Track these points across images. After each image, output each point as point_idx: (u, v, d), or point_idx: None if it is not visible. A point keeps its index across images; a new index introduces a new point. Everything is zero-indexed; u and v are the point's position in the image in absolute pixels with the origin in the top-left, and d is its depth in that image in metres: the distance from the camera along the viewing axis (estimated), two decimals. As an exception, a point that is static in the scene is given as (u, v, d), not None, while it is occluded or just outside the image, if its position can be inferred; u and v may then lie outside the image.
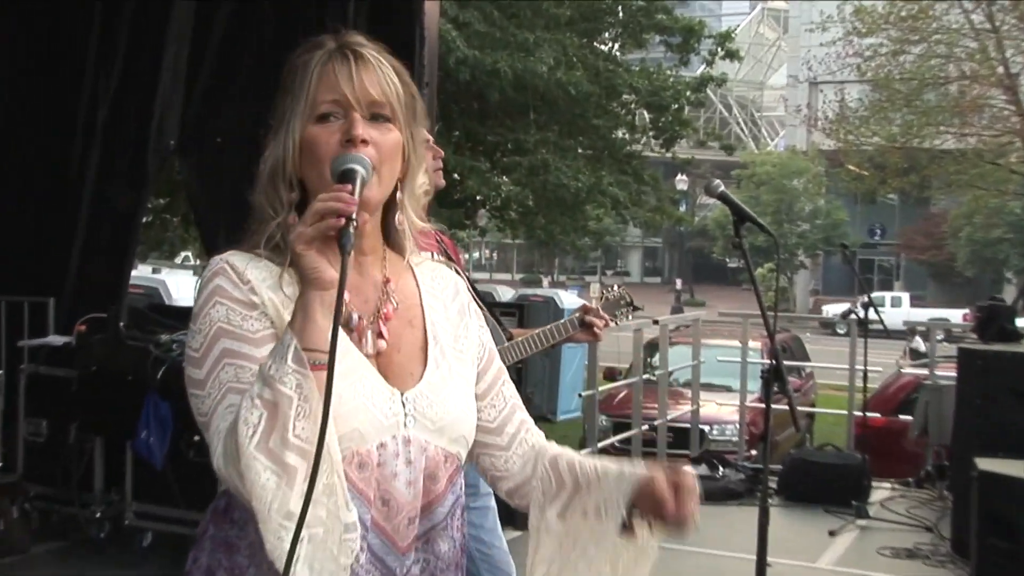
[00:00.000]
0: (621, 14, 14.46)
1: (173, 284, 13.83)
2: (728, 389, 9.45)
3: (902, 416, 8.50)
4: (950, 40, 16.37)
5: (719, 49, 15.01)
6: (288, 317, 1.38)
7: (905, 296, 35.56)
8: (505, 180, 12.97)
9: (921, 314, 29.29)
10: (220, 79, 6.17)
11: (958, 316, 27.86)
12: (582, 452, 1.72)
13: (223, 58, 6.14)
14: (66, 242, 6.30)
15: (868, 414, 7.49)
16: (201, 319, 1.45)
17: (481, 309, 1.78)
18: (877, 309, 7.23)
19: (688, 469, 1.54)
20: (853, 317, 7.60)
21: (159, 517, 5.25)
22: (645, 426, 7.24)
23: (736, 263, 42.26)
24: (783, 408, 4.82)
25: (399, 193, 1.54)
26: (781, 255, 30.65)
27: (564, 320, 3.53)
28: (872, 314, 7.17)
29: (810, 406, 10.98)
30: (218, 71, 6.18)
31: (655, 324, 7.67)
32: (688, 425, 8.19)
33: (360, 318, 1.51)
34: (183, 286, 13.40)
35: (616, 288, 3.80)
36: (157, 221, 12.27)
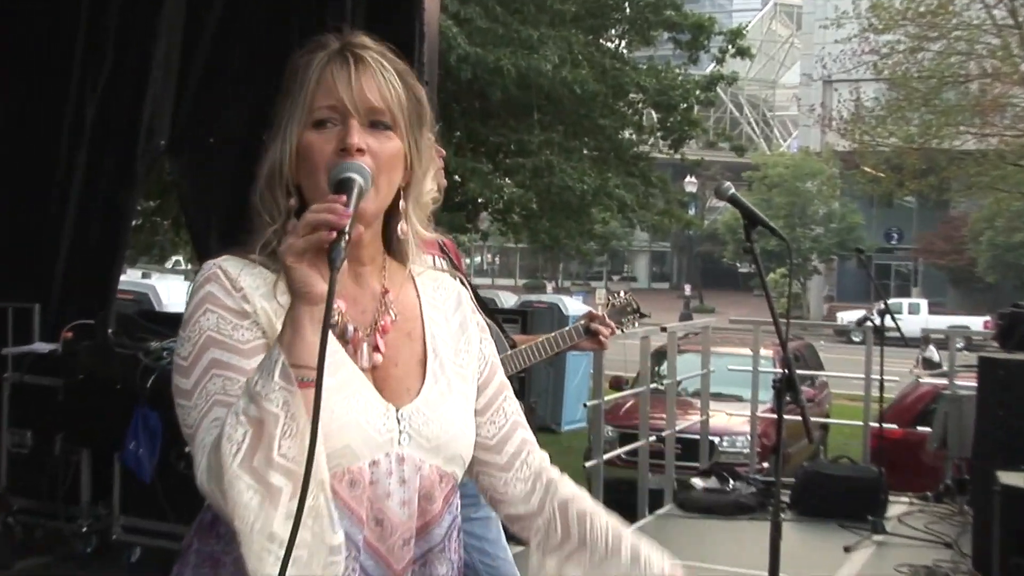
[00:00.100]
0: (628, 10, 14.47)
1: (163, 289, 13.81)
2: (739, 399, 9.44)
3: (920, 428, 8.47)
4: (971, 36, 16.35)
5: (730, 46, 15.06)
6: (281, 326, 1.38)
7: (923, 303, 35.54)
8: (508, 182, 12.97)
9: (940, 321, 29.33)
10: (213, 76, 6.16)
11: (978, 323, 27.86)
12: (587, 464, 1.73)
13: (216, 54, 6.13)
14: (52, 246, 6.29)
15: (884, 425, 7.47)
16: (191, 326, 1.45)
17: (484, 317, 1.78)
18: (894, 316, 7.24)
19: None
20: (869, 324, 7.61)
21: (147, 531, 5.25)
22: (652, 437, 7.23)
23: (747, 268, 42.17)
24: (796, 419, 4.78)
25: (402, 202, 1.54)
26: (794, 260, 30.66)
27: (569, 327, 3.53)
28: (889, 321, 7.17)
29: (824, 417, 10.97)
30: (211, 68, 6.17)
31: (663, 331, 7.66)
32: (697, 436, 8.18)
33: (356, 330, 1.51)
34: (174, 291, 13.39)
35: (623, 294, 3.81)
36: (147, 224, 12.26)
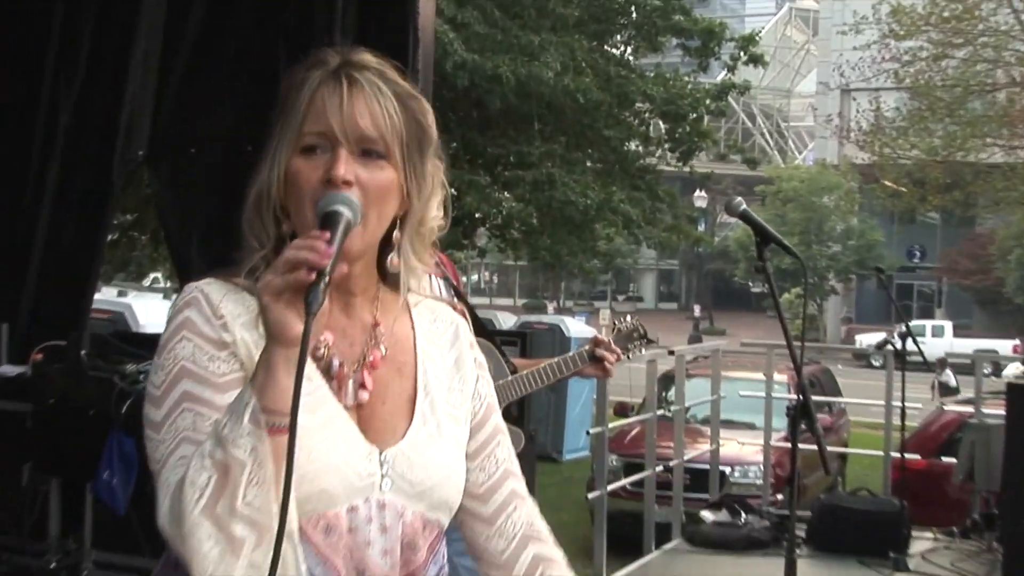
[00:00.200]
0: (635, 15, 14.54)
1: (140, 308, 13.81)
2: (751, 427, 9.43)
3: (945, 458, 8.47)
4: (998, 43, 16.42)
5: (742, 53, 15.12)
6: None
7: (948, 325, 35.60)
8: (507, 196, 13.00)
9: (966, 345, 29.34)
10: (194, 83, 6.16)
11: (1007, 347, 27.90)
12: (590, 496, 1.73)
13: (198, 60, 6.12)
14: (21, 261, 6.28)
15: (907, 455, 7.46)
16: (166, 353, 1.45)
17: (484, 339, 1.77)
18: (916, 339, 7.21)
19: None
20: (890, 348, 7.60)
21: (121, 567, 5.22)
22: (659, 467, 7.21)
23: (760, 288, 42.33)
24: (812, 448, 4.78)
25: (396, 232, 1.52)
26: (809, 279, 30.73)
27: (573, 353, 3.53)
28: (911, 345, 7.15)
29: (842, 446, 10.95)
30: (192, 74, 6.16)
31: (671, 355, 7.65)
32: (707, 466, 8.16)
33: (341, 365, 1.50)
34: (151, 311, 13.37)
35: (629, 319, 3.82)
36: (124, 239, 12.29)
